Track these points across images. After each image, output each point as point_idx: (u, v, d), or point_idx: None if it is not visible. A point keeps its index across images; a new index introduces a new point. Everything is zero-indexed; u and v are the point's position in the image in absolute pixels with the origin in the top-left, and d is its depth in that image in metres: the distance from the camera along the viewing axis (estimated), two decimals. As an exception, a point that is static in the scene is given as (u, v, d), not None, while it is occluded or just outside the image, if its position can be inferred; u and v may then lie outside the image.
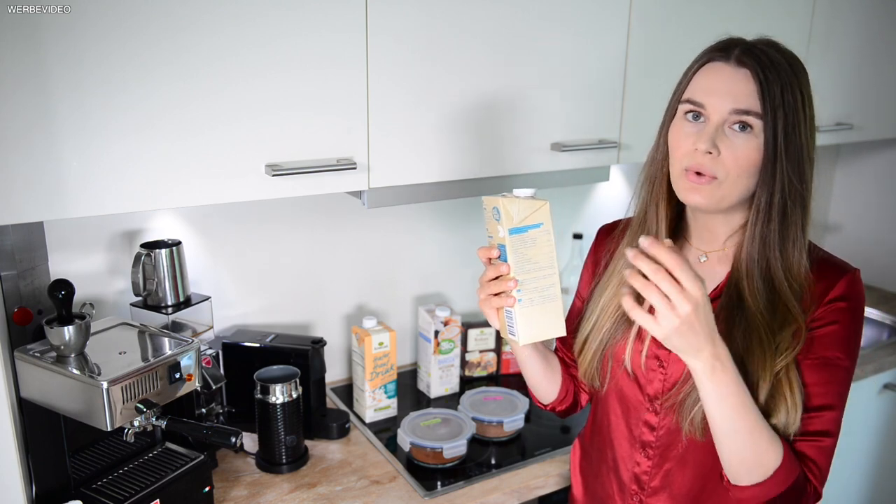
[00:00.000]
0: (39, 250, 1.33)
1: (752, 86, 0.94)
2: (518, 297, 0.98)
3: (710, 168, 0.95)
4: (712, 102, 0.96)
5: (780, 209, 0.96)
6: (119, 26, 1.02)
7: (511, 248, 0.97)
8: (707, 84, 0.97)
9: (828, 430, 0.98)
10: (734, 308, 1.00)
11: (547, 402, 1.23)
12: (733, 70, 0.95)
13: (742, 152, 0.94)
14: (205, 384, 1.42)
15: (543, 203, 0.98)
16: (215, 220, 1.57)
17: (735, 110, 0.94)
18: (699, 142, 0.95)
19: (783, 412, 0.96)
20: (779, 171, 0.94)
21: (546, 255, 0.99)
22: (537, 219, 0.97)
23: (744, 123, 0.94)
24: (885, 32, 2.04)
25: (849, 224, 2.63)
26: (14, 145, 0.98)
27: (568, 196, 2.06)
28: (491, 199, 0.98)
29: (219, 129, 1.13)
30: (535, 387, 1.21)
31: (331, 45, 1.19)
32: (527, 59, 1.40)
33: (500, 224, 0.97)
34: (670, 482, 1.10)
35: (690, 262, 1.06)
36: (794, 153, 0.94)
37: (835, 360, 0.98)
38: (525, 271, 0.98)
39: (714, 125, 0.95)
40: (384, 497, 1.35)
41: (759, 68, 0.93)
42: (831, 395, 0.98)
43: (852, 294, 0.99)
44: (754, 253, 0.98)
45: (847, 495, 2.19)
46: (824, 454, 0.99)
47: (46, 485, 1.18)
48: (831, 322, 0.99)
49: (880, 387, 2.09)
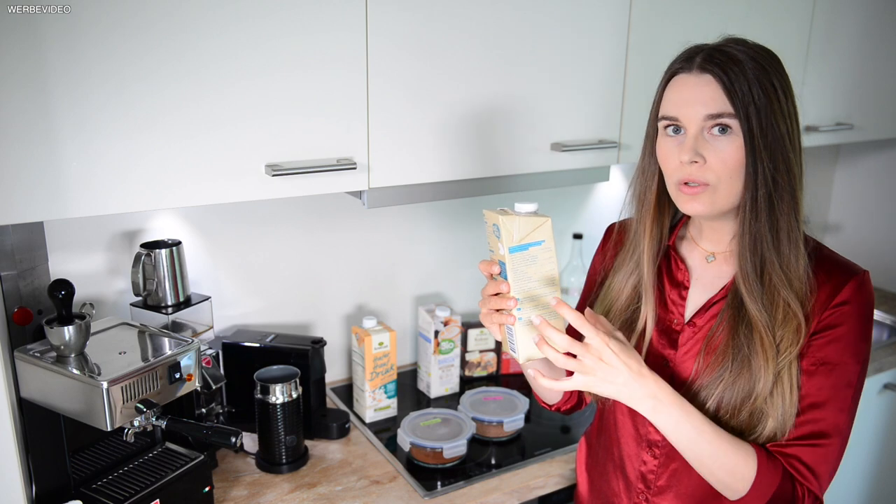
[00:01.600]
0: (39, 250, 1.33)
1: (718, 89, 0.94)
2: (518, 316, 0.96)
3: (699, 176, 0.96)
4: (685, 114, 0.97)
5: (766, 204, 0.96)
6: (119, 26, 1.02)
7: (511, 266, 0.95)
8: (676, 97, 0.98)
9: (826, 433, 0.97)
10: (738, 309, 1.00)
11: (551, 403, 1.24)
12: (697, 78, 0.96)
13: (727, 154, 0.95)
14: (205, 384, 1.42)
15: (545, 220, 0.96)
16: (215, 220, 1.57)
17: (708, 116, 0.95)
18: (682, 154, 0.97)
19: (780, 411, 0.96)
20: (759, 166, 0.94)
21: (547, 272, 0.97)
22: (538, 236, 0.96)
23: (722, 126, 0.95)
24: (885, 32, 2.03)
25: (849, 224, 2.63)
26: (14, 145, 0.98)
27: (568, 196, 2.06)
28: (492, 215, 0.96)
29: (219, 129, 1.13)
30: (538, 389, 1.21)
31: (331, 45, 1.19)
32: (527, 59, 1.40)
33: (501, 241, 0.95)
34: (677, 482, 1.10)
35: (698, 262, 1.08)
36: (773, 146, 0.94)
37: (841, 365, 0.98)
38: (525, 290, 0.96)
39: (692, 135, 0.96)
40: (384, 497, 1.35)
41: (721, 71, 0.94)
42: (832, 399, 0.97)
43: (860, 297, 0.99)
44: (748, 251, 0.98)
45: (847, 495, 2.19)
46: (822, 458, 0.97)
47: (46, 485, 1.18)
48: (837, 326, 0.98)
49: (880, 387, 2.09)
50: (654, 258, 1.08)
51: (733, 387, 0.99)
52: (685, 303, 1.08)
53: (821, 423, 0.97)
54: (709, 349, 1.03)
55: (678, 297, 1.09)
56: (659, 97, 1.02)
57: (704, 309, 1.06)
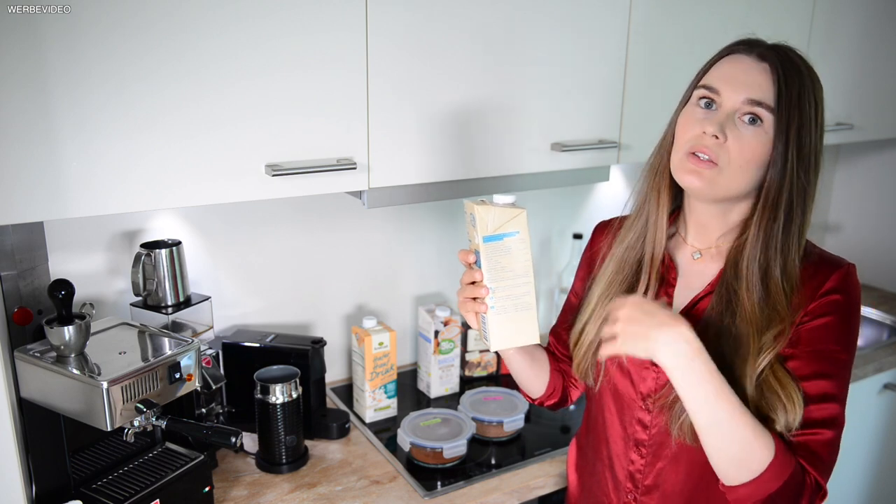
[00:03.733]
0: (39, 250, 1.33)
1: (769, 80, 0.95)
2: (490, 305, 0.98)
3: (713, 152, 0.96)
4: (728, 90, 0.97)
5: (786, 207, 0.96)
6: (119, 26, 1.02)
7: (485, 255, 0.97)
8: (726, 72, 0.98)
9: (827, 422, 0.97)
10: (725, 307, 1.00)
11: (534, 396, 1.24)
12: (754, 62, 0.97)
13: (748, 144, 0.95)
14: (205, 384, 1.42)
15: (520, 211, 0.97)
16: (215, 220, 1.57)
17: (749, 100, 0.95)
18: (707, 125, 0.96)
19: (780, 411, 0.95)
20: (790, 168, 0.95)
21: (521, 263, 0.99)
22: (513, 227, 0.97)
23: (754, 116, 0.95)
24: (885, 32, 2.04)
25: (849, 224, 2.63)
26: (14, 145, 0.98)
27: (568, 196, 2.06)
28: (470, 205, 0.98)
29: (219, 129, 1.13)
30: (521, 382, 1.22)
31: (331, 45, 1.19)
32: (527, 59, 1.40)
33: (476, 230, 0.97)
34: (663, 481, 1.10)
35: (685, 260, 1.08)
36: (805, 155, 0.96)
37: (830, 353, 0.98)
38: (498, 279, 0.98)
39: (725, 112, 0.97)
40: (384, 497, 1.35)
41: (780, 65, 0.95)
42: (829, 388, 0.97)
43: (846, 287, 0.99)
44: (756, 252, 0.98)
45: (847, 495, 2.19)
46: (825, 446, 0.97)
47: (46, 485, 1.18)
48: (825, 314, 0.98)
49: (880, 387, 2.09)
50: (666, 228, 1.07)
51: None
52: (671, 301, 1.09)
53: (822, 412, 0.97)
54: None
55: (664, 294, 1.09)
56: (705, 69, 1.02)
57: (690, 306, 1.06)
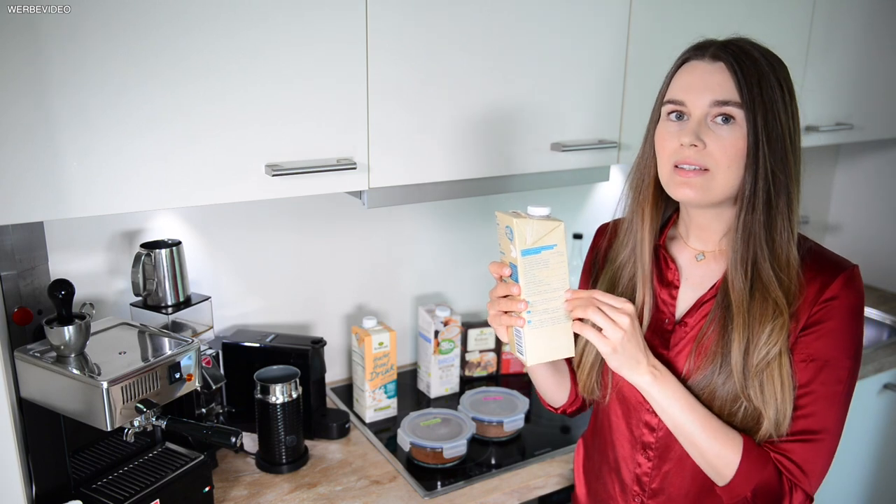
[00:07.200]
0: (39, 250, 1.33)
1: (728, 77, 0.95)
2: (528, 319, 0.96)
3: (697, 160, 0.96)
4: (692, 98, 0.97)
5: (764, 198, 0.96)
6: (120, 27, 1.02)
7: (523, 269, 0.95)
8: (685, 82, 0.99)
9: (816, 430, 0.97)
10: (728, 306, 1.00)
11: (557, 405, 1.24)
12: (709, 65, 0.97)
13: (729, 142, 0.95)
14: (205, 384, 1.42)
15: (558, 224, 0.96)
16: (215, 220, 1.57)
17: (714, 102, 0.95)
18: (683, 136, 0.97)
19: (773, 410, 0.96)
20: (761, 159, 0.95)
21: (558, 276, 0.97)
22: (551, 240, 0.96)
23: (726, 115, 0.95)
24: (885, 32, 2.04)
25: (849, 224, 2.63)
26: (15, 145, 0.98)
27: (568, 196, 2.06)
28: (505, 217, 0.96)
29: (219, 129, 1.13)
30: (545, 392, 1.21)
31: (332, 46, 1.19)
32: (527, 59, 1.40)
33: (513, 244, 0.95)
34: (669, 484, 1.10)
35: (688, 262, 1.08)
36: (775, 141, 0.95)
37: (832, 361, 0.97)
38: (536, 293, 0.96)
39: (696, 120, 0.97)
40: (384, 497, 1.35)
41: (734, 60, 0.95)
42: (824, 396, 0.97)
43: (849, 292, 0.98)
44: (740, 245, 0.98)
45: (846, 495, 2.19)
46: (813, 454, 0.97)
47: (46, 485, 1.18)
48: (826, 321, 0.98)
49: (880, 387, 2.09)
50: (652, 247, 1.08)
51: (724, 387, 0.99)
52: (675, 302, 1.08)
53: (810, 420, 0.97)
54: (700, 349, 1.03)
55: (668, 296, 1.09)
56: (666, 84, 1.02)
57: (695, 308, 1.06)
